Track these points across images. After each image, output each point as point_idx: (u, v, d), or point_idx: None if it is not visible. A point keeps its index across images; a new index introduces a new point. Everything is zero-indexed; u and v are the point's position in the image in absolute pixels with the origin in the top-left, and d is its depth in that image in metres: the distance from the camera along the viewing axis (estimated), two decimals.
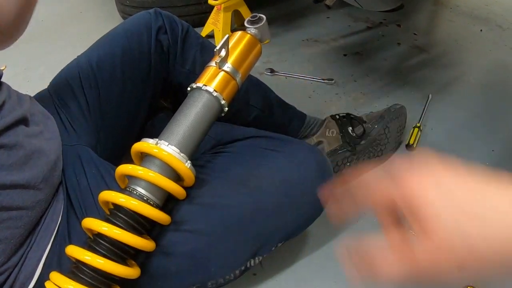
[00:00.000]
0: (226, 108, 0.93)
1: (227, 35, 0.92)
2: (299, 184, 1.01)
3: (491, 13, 2.78)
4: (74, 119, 1.05)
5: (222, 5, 2.05)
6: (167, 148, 0.83)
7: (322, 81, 1.91)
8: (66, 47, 2.26)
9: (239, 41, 0.98)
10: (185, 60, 1.25)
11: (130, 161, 0.89)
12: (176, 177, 0.85)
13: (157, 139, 0.85)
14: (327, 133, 1.42)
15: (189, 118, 0.88)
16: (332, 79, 1.91)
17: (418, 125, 1.65)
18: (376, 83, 1.96)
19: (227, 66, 0.93)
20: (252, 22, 1.02)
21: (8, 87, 0.88)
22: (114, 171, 0.86)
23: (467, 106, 1.86)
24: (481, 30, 2.58)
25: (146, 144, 0.84)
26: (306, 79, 1.93)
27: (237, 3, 2.11)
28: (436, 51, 2.29)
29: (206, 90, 0.90)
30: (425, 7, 2.80)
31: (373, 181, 0.53)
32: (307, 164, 1.04)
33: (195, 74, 1.12)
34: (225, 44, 0.91)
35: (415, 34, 2.45)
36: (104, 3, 2.66)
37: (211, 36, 2.18)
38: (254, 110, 1.37)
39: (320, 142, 1.41)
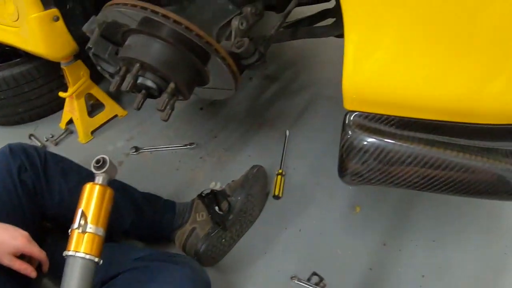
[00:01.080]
0: (101, 261, 1.05)
1: (80, 210, 1.05)
2: None
3: None
4: None
5: (73, 94, 2.04)
6: None
7: (185, 147, 1.97)
8: None
9: (90, 196, 1.08)
10: (52, 192, 1.29)
11: None
12: None
13: None
14: (197, 217, 1.51)
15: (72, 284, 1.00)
16: (193, 143, 1.98)
17: (280, 171, 1.77)
18: (235, 133, 2.06)
19: (89, 227, 1.05)
20: (98, 168, 1.11)
21: None
22: None
23: (324, 132, 2.00)
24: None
25: None
26: (170, 149, 1.99)
27: (87, 87, 2.09)
28: (287, 76, 2.41)
29: (79, 257, 1.02)
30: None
31: None
32: (184, 284, 1.14)
33: (65, 202, 1.25)
34: (82, 216, 1.04)
35: (264, 61, 2.55)
36: None
37: (71, 121, 2.16)
38: (127, 218, 1.45)
39: (193, 229, 1.49)
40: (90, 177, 1.28)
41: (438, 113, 0.81)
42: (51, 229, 1.43)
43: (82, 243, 1.03)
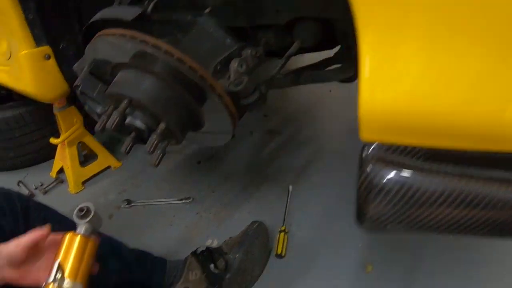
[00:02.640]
0: None
1: (57, 262, 0.92)
2: None
3: None
4: None
5: (66, 140, 1.94)
6: None
7: (180, 202, 1.84)
8: None
9: (70, 247, 0.95)
10: None
11: None
12: None
13: None
14: (190, 276, 1.35)
15: None
16: (189, 198, 1.85)
17: (283, 228, 1.63)
18: (234, 189, 1.92)
19: (66, 283, 0.91)
20: (81, 217, 0.99)
21: None
22: None
23: (328, 187, 1.88)
24: (330, 91, 2.64)
25: None
26: (164, 204, 1.85)
27: (80, 135, 2.00)
28: (289, 130, 2.33)
29: None
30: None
31: None
32: None
33: None
34: (59, 268, 0.91)
35: (265, 116, 2.47)
36: None
37: (62, 170, 2.05)
38: (113, 276, 1.29)
39: None
40: (73, 229, 1.19)
41: (477, 140, 0.67)
42: None
43: None
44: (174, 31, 1.16)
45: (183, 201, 1.85)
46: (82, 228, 0.99)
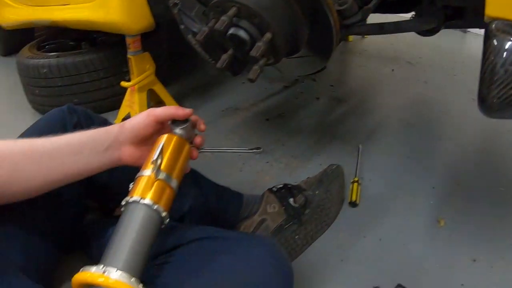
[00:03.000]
0: (168, 220, 0.84)
1: (161, 144, 0.88)
2: (258, 286, 0.90)
3: (398, 51, 2.87)
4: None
5: (136, 86, 1.96)
6: (116, 275, 0.71)
7: (250, 151, 1.84)
8: None
9: (166, 146, 0.90)
10: None
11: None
12: None
13: (101, 265, 0.73)
14: (268, 208, 1.34)
15: (131, 237, 0.78)
16: (259, 148, 1.84)
17: (356, 179, 1.61)
18: (304, 143, 1.92)
19: (162, 174, 0.85)
20: (176, 124, 0.96)
21: None
22: None
23: (398, 148, 1.87)
24: (392, 70, 2.64)
25: (90, 274, 0.72)
26: (233, 152, 1.85)
27: (151, 82, 2.03)
28: (355, 100, 2.31)
29: (144, 204, 0.81)
30: (334, 56, 2.84)
31: None
32: (264, 264, 0.92)
33: (116, 172, 1.01)
34: (161, 153, 0.86)
35: (331, 86, 2.47)
36: (13, 94, 2.50)
37: (128, 117, 2.08)
38: (188, 199, 1.26)
39: (263, 220, 1.32)
40: None
41: None
42: (93, 208, 1.29)
43: (150, 190, 0.83)
44: None
45: (254, 150, 1.85)
46: (178, 131, 0.95)
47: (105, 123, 1.18)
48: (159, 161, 0.86)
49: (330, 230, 1.43)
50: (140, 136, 0.94)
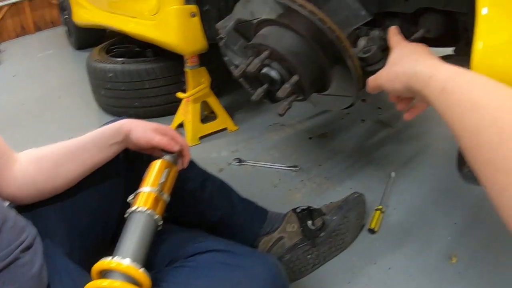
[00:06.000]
0: (161, 222, 1.06)
1: (156, 167, 1.13)
2: None
3: None
4: (48, 229, 1.11)
5: (191, 97, 2.14)
6: (124, 261, 0.94)
7: (288, 168, 1.97)
8: (42, 134, 2.36)
9: (160, 168, 1.14)
10: None
11: None
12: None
13: (115, 256, 0.95)
14: (288, 228, 1.47)
15: (137, 236, 1.01)
16: (296, 166, 1.97)
17: (380, 207, 1.70)
18: (340, 165, 2.02)
19: (156, 190, 1.09)
20: (166, 153, 1.19)
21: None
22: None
23: (430, 180, 1.92)
24: None
25: (106, 262, 0.95)
26: (272, 168, 1.99)
27: (205, 94, 2.20)
28: (400, 124, 2.37)
29: (145, 212, 1.04)
30: None
31: None
32: (264, 278, 1.09)
33: None
34: (155, 175, 1.11)
35: (379, 108, 2.54)
36: (82, 90, 2.75)
37: (181, 125, 2.26)
38: (217, 212, 1.45)
39: (281, 238, 1.45)
40: (190, 164, 1.37)
41: None
42: None
43: (149, 202, 1.06)
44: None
45: (291, 168, 1.98)
46: (168, 158, 1.19)
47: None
48: (154, 181, 1.10)
49: (344, 253, 1.54)
50: (139, 147, 1.20)
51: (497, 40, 0.79)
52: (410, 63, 0.78)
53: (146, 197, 1.06)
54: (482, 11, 0.78)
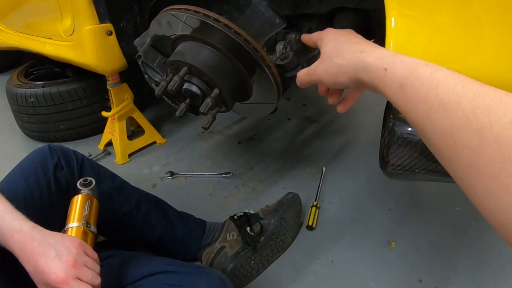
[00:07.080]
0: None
1: (78, 202, 1.13)
2: None
3: None
4: None
5: (116, 115, 2.09)
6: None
7: (220, 176, 1.98)
8: None
9: (83, 203, 1.14)
10: None
11: None
12: None
13: None
14: (228, 237, 1.48)
15: None
16: (229, 173, 1.98)
17: (315, 203, 1.75)
18: (272, 167, 2.05)
19: (83, 223, 1.10)
20: (84, 185, 1.18)
21: None
22: None
23: (361, 170, 2.00)
24: None
25: None
26: (205, 177, 1.99)
27: (130, 111, 2.16)
28: (325, 119, 2.44)
29: None
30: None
31: None
32: None
33: None
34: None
35: (304, 105, 2.59)
36: (2, 114, 2.63)
37: (110, 143, 2.21)
38: (156, 231, 1.45)
39: (222, 248, 1.46)
40: (122, 186, 1.40)
41: None
42: None
43: (79, 236, 1.06)
44: (231, 10, 1.30)
45: (223, 175, 1.98)
46: (87, 191, 1.18)
47: (82, 160, 1.35)
48: (78, 215, 1.11)
49: (286, 253, 1.57)
50: None
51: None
52: (354, 54, 0.73)
53: (75, 232, 1.07)
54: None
